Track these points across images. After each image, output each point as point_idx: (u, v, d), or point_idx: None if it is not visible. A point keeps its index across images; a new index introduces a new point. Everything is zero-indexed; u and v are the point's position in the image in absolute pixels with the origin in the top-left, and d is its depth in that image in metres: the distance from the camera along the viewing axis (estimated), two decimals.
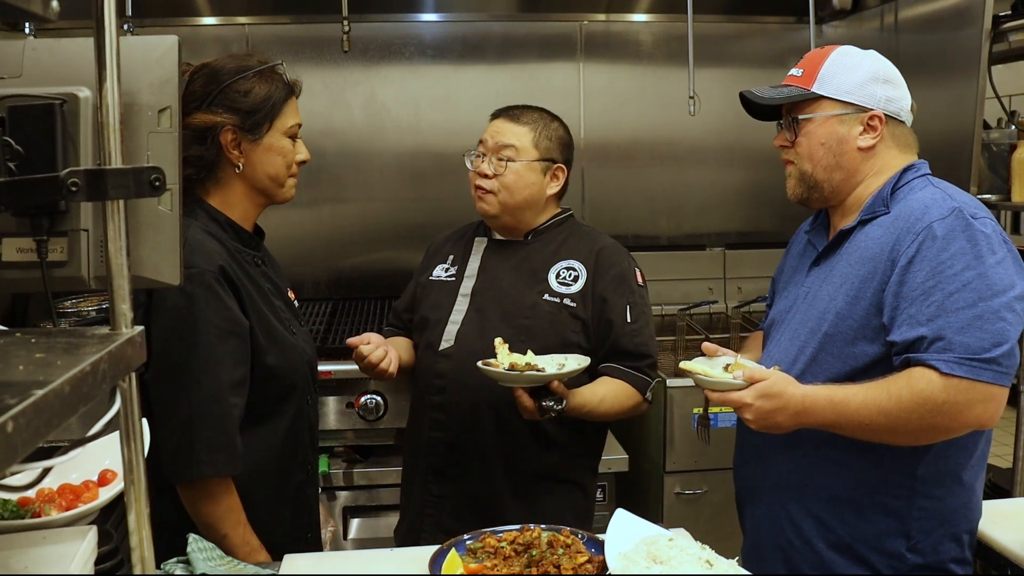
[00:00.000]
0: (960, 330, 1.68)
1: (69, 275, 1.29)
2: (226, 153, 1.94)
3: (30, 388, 0.81)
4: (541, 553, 1.70)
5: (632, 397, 2.27)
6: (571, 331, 2.27)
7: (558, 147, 2.34)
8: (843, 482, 1.86)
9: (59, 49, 1.35)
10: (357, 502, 3.15)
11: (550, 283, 2.30)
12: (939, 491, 1.82)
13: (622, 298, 2.30)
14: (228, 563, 1.76)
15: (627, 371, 2.27)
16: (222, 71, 1.94)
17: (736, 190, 4.04)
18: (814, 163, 1.90)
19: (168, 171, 1.17)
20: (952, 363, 1.67)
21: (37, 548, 1.29)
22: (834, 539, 1.88)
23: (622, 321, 2.28)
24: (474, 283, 2.35)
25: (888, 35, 3.39)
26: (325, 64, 3.77)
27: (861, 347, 1.81)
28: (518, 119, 2.33)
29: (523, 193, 2.29)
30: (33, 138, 1.20)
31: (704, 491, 3.21)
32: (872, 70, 1.89)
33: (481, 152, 2.33)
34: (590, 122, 3.89)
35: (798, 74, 1.93)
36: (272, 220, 3.70)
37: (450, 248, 2.48)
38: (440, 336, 2.32)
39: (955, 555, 1.85)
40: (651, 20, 3.93)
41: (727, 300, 3.91)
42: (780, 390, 1.75)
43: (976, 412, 1.69)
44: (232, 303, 1.89)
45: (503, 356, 2.10)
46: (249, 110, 1.93)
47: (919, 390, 1.68)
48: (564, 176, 2.36)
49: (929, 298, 1.71)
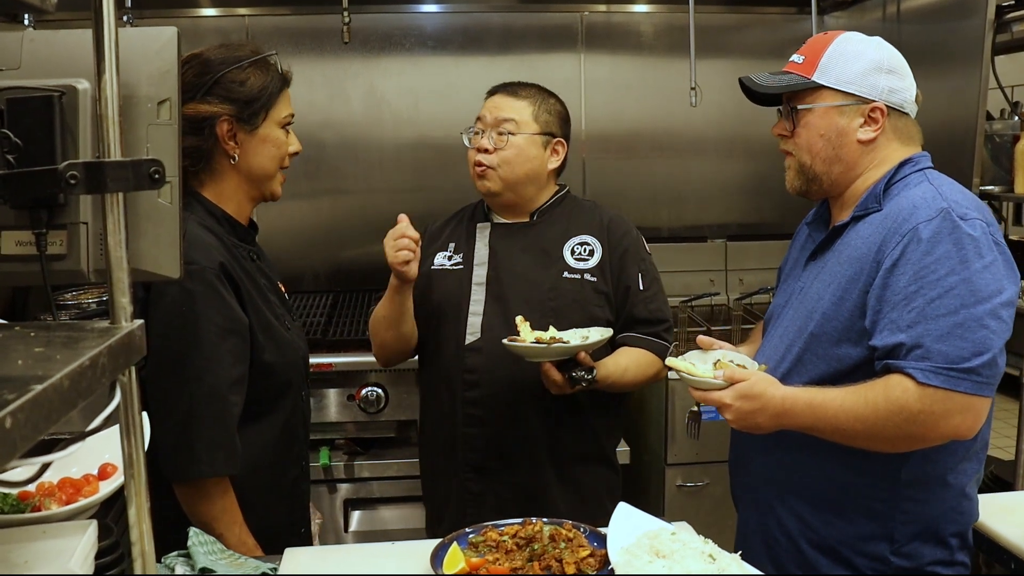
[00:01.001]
0: (940, 338, 1.63)
1: (68, 268, 1.28)
2: (222, 144, 1.93)
3: (29, 383, 0.81)
4: (543, 547, 1.69)
5: (653, 364, 2.29)
6: (595, 306, 2.27)
7: (557, 121, 2.32)
8: (826, 484, 1.84)
9: (58, 41, 1.35)
10: (358, 494, 3.16)
11: (567, 260, 2.29)
12: (923, 495, 1.78)
13: (635, 266, 2.31)
14: (229, 557, 1.76)
15: (645, 338, 2.29)
16: (214, 61, 1.92)
17: (737, 181, 4.03)
18: (813, 155, 1.85)
19: (168, 163, 1.16)
20: (929, 372, 1.62)
21: (37, 542, 1.28)
22: (818, 540, 1.86)
23: (636, 289, 2.30)
24: (487, 270, 2.31)
25: (890, 25, 3.38)
26: (325, 55, 3.76)
27: (845, 349, 1.77)
28: (516, 93, 2.31)
29: (525, 167, 2.27)
30: (32, 130, 1.19)
31: (706, 483, 3.20)
32: (875, 59, 1.82)
33: (480, 128, 2.30)
34: (591, 113, 3.88)
35: (799, 61, 1.87)
36: (271, 212, 3.70)
37: (449, 234, 2.42)
38: (463, 329, 2.28)
39: (941, 558, 1.81)
40: (652, 11, 3.92)
41: (728, 292, 3.90)
42: (760, 391, 1.73)
43: (954, 423, 1.64)
44: (232, 300, 1.88)
45: (526, 333, 2.10)
46: (246, 100, 1.92)
47: (894, 398, 1.64)
48: (564, 151, 2.34)
49: (911, 303, 1.66)
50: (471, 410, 2.28)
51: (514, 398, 2.25)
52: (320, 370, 3.03)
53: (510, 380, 2.23)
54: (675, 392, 3.14)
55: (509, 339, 2.09)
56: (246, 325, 1.90)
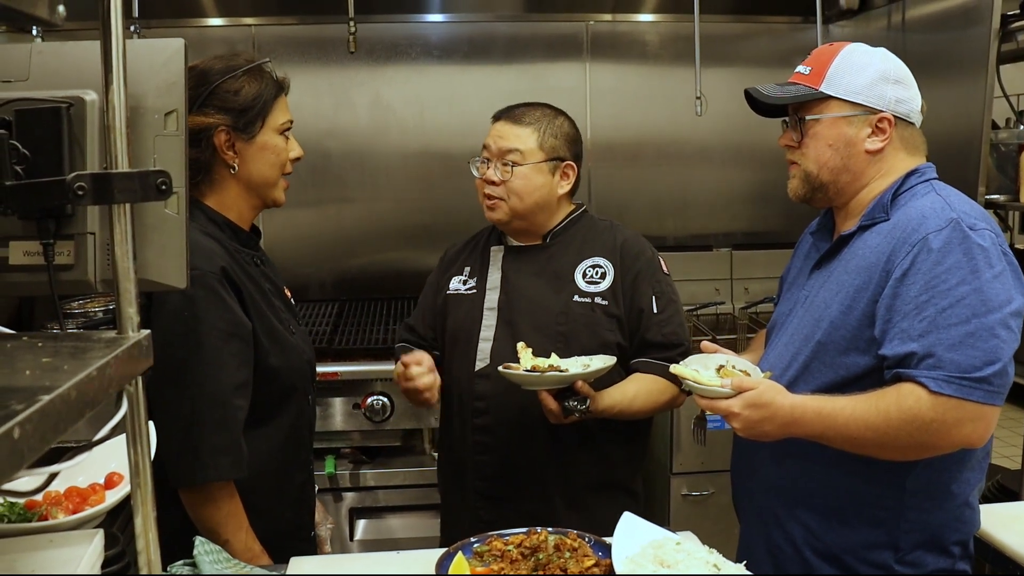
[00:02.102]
0: (952, 347, 1.63)
1: (76, 279, 1.28)
2: (220, 154, 1.93)
3: (37, 393, 0.81)
4: (548, 556, 1.69)
5: (666, 391, 2.21)
6: (607, 330, 2.21)
7: (564, 144, 2.25)
8: (831, 492, 1.84)
9: (65, 52, 1.35)
10: (363, 503, 3.16)
11: (577, 283, 2.24)
12: (928, 504, 1.79)
13: (648, 288, 2.25)
14: (235, 566, 1.76)
15: (658, 364, 2.20)
16: (210, 72, 1.93)
17: (743, 190, 4.03)
18: (820, 165, 1.85)
19: (175, 174, 1.17)
20: (941, 381, 1.63)
21: (44, 551, 1.29)
22: (822, 548, 1.86)
23: (650, 312, 2.23)
24: (498, 295, 2.27)
25: (895, 34, 3.38)
26: (331, 65, 3.77)
27: (853, 357, 1.78)
28: (520, 120, 2.24)
29: (533, 196, 2.22)
30: (40, 142, 1.20)
31: (711, 492, 3.20)
32: (882, 70, 1.83)
33: (486, 157, 2.25)
34: (596, 122, 3.88)
35: (805, 72, 1.87)
36: (278, 221, 3.72)
37: (465, 258, 2.39)
38: (474, 355, 2.25)
39: (944, 567, 1.81)
40: (657, 20, 3.92)
41: (734, 301, 3.89)
42: (768, 400, 1.73)
43: (965, 431, 1.65)
44: (234, 305, 1.89)
45: (526, 359, 2.07)
46: (241, 109, 1.92)
47: (907, 407, 1.65)
48: (575, 173, 2.28)
49: (922, 313, 1.67)
50: (480, 437, 2.25)
51: (524, 425, 2.21)
52: (326, 379, 3.03)
53: (520, 407, 2.18)
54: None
55: (504, 366, 2.06)
56: (249, 329, 1.90)
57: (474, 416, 2.26)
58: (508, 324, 2.25)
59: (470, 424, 2.27)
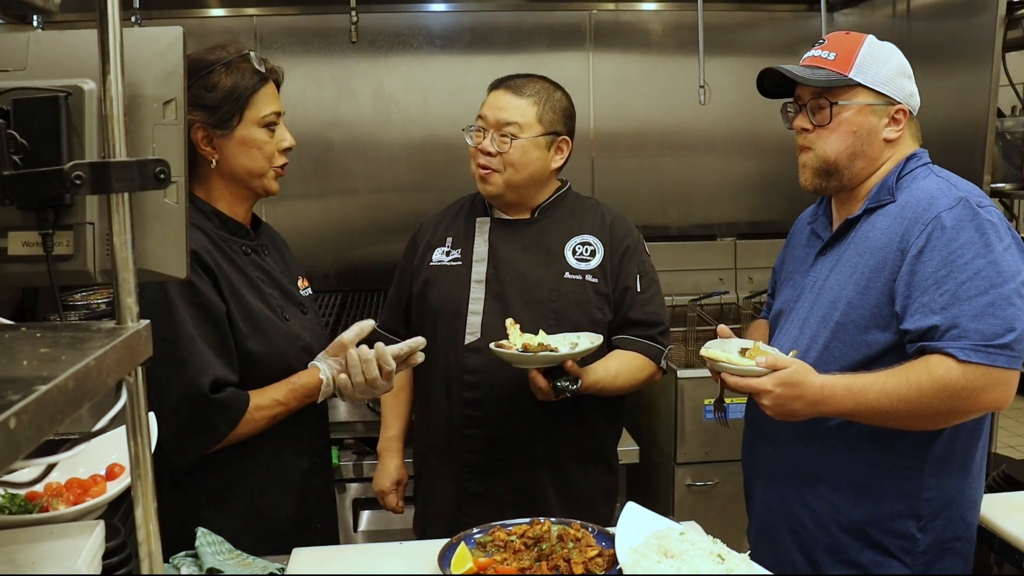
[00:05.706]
0: (974, 317, 1.71)
1: (75, 269, 1.27)
2: (199, 150, 1.94)
3: (34, 383, 0.80)
4: (551, 547, 1.69)
5: (646, 368, 2.25)
6: (596, 308, 2.24)
7: (562, 118, 2.25)
8: (856, 467, 1.89)
9: (63, 41, 1.34)
10: (367, 494, 3.15)
11: (568, 260, 2.25)
12: (945, 472, 1.86)
13: (634, 267, 2.27)
14: (237, 557, 1.76)
15: (640, 341, 2.25)
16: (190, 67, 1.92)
17: (746, 180, 4.02)
18: (839, 150, 1.89)
19: (173, 163, 1.16)
20: (969, 350, 1.71)
21: (45, 543, 1.28)
22: (848, 523, 1.90)
23: (635, 290, 2.26)
24: (486, 268, 2.26)
25: (900, 22, 3.36)
26: (333, 55, 3.76)
27: (873, 335, 1.83)
28: (520, 92, 2.23)
29: (528, 169, 2.21)
30: (38, 131, 1.19)
31: (715, 483, 3.19)
32: (900, 64, 1.90)
33: (481, 127, 2.24)
34: (600, 112, 3.88)
35: (829, 57, 1.89)
36: (281, 212, 3.71)
37: (446, 229, 2.37)
38: (463, 328, 2.24)
39: (960, 533, 1.89)
40: (661, 8, 3.91)
41: (738, 290, 3.89)
42: (800, 379, 1.77)
43: (993, 396, 1.73)
44: (205, 286, 1.89)
45: (515, 337, 2.07)
46: (215, 105, 1.92)
47: (938, 377, 1.71)
48: (568, 148, 2.28)
49: (942, 287, 1.74)
50: (470, 411, 2.25)
51: (514, 399, 2.21)
52: None
53: (511, 381, 2.19)
54: (684, 391, 3.13)
55: (496, 344, 2.06)
56: (222, 310, 1.91)
57: (464, 390, 2.25)
58: (498, 298, 2.24)
59: (458, 397, 2.26)
